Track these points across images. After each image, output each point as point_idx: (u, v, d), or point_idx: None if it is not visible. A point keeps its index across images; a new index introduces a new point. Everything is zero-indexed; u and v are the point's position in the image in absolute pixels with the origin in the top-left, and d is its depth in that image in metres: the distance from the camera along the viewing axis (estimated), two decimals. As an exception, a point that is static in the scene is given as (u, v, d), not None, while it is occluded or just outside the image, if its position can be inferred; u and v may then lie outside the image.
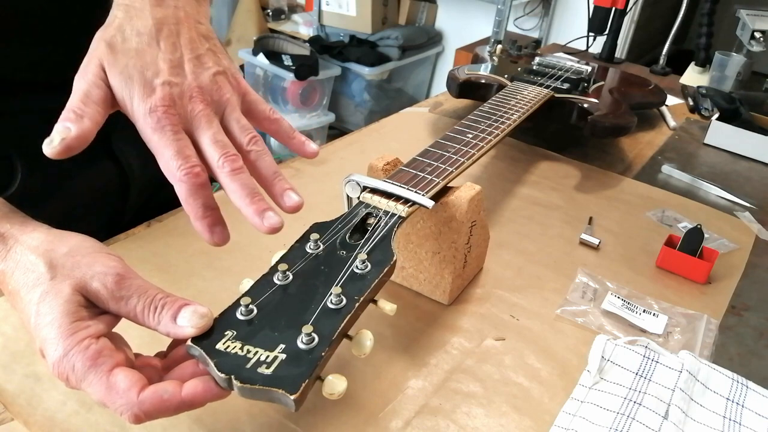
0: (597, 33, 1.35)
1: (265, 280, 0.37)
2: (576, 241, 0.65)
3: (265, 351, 0.33)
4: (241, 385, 0.31)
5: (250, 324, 0.34)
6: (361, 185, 0.47)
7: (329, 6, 2.84)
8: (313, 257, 0.39)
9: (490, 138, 0.60)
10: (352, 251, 0.40)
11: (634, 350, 0.47)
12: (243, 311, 0.35)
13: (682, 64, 1.30)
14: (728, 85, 1.19)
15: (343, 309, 0.35)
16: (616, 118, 0.83)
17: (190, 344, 0.33)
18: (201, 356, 0.33)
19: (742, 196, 0.78)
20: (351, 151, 0.82)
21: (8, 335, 0.46)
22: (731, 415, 0.44)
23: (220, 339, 0.33)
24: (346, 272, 0.38)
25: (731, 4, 1.39)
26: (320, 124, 2.75)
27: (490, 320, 0.53)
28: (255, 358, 0.32)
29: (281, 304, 0.36)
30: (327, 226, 0.42)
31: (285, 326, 0.34)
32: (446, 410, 0.44)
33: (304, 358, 0.32)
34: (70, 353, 0.32)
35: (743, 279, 0.62)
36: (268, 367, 0.32)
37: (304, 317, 0.35)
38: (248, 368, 0.32)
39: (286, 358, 0.32)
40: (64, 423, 0.40)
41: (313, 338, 0.33)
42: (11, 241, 0.38)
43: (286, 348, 0.33)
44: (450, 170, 0.52)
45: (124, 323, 0.37)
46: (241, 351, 0.33)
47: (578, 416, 0.43)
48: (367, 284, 0.37)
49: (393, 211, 0.45)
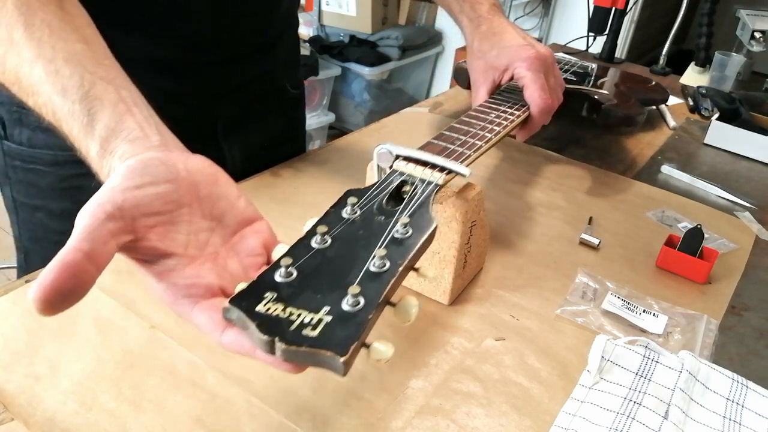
0: (597, 33, 1.35)
1: (302, 243, 0.36)
2: (576, 241, 0.65)
3: (309, 313, 0.31)
4: (286, 347, 0.29)
5: (291, 286, 0.32)
6: (394, 154, 0.47)
7: (329, 6, 2.84)
8: (350, 222, 0.38)
9: (512, 117, 0.61)
10: (390, 217, 0.39)
11: (634, 350, 0.47)
12: (283, 273, 0.33)
13: (682, 64, 1.30)
14: (728, 85, 1.19)
15: (387, 272, 0.34)
16: (628, 108, 0.86)
17: (227, 306, 0.31)
18: (239, 319, 0.31)
19: (742, 196, 0.78)
20: (351, 151, 0.82)
21: (8, 335, 0.46)
22: (731, 415, 0.44)
23: (259, 301, 0.31)
24: (387, 236, 0.37)
25: (731, 4, 1.39)
26: (320, 124, 2.75)
27: (490, 320, 0.53)
28: (299, 320, 0.30)
29: (321, 267, 0.34)
30: (362, 192, 0.41)
31: (328, 289, 0.32)
32: (446, 410, 0.44)
33: (351, 321, 0.31)
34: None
35: (743, 279, 0.62)
36: (313, 329, 0.30)
37: (347, 280, 0.33)
38: (292, 330, 0.30)
39: (332, 320, 0.30)
40: (64, 423, 0.40)
41: (359, 301, 0.31)
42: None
43: (331, 310, 0.31)
44: (479, 144, 0.52)
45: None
46: (283, 313, 0.31)
47: (578, 416, 0.43)
48: (410, 248, 0.36)
49: (429, 179, 0.44)
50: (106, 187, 0.32)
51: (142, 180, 0.32)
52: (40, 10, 0.39)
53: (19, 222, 0.74)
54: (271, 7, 0.74)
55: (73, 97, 0.36)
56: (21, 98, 0.40)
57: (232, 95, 0.75)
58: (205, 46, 0.68)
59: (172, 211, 0.33)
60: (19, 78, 0.39)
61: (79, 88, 0.37)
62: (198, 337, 0.48)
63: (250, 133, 0.78)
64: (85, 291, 0.28)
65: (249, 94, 0.76)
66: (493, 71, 0.68)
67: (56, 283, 0.27)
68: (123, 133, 0.35)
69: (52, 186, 0.70)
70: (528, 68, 0.64)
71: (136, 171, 0.33)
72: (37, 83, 0.38)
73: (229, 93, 0.74)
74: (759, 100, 1.06)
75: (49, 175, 0.69)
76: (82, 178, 0.69)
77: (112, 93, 0.37)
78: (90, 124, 0.36)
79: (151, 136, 0.36)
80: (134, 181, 0.32)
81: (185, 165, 0.35)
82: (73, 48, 0.38)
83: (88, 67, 0.38)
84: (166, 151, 0.35)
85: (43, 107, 0.38)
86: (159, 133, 0.36)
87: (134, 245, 0.32)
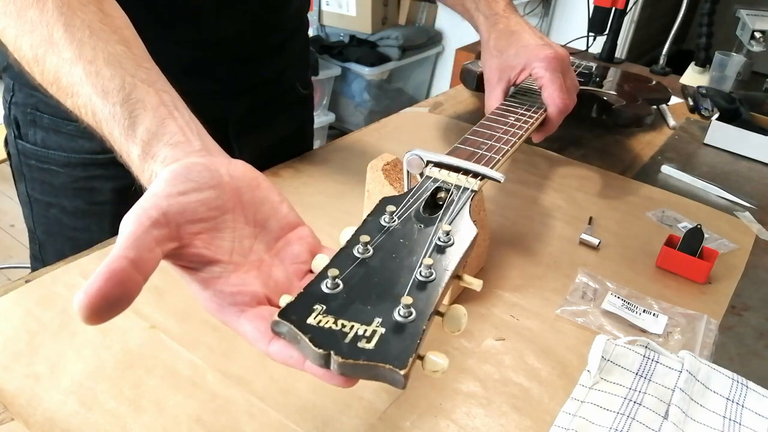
0: (597, 33, 1.35)
1: (345, 253, 0.35)
2: (576, 241, 0.65)
3: (362, 325, 0.30)
4: (343, 361, 0.28)
5: (339, 298, 0.32)
6: (425, 160, 0.47)
7: (329, 6, 2.84)
8: (390, 230, 0.38)
9: (532, 120, 0.62)
10: (429, 224, 0.38)
11: (634, 350, 0.47)
12: (329, 284, 0.32)
13: (682, 64, 1.30)
14: (728, 85, 1.19)
15: (435, 281, 0.33)
16: (637, 109, 0.88)
17: (277, 320, 0.30)
18: (290, 332, 0.30)
19: (742, 196, 0.78)
20: (351, 151, 0.82)
21: (8, 335, 0.46)
22: (731, 415, 0.44)
23: (310, 313, 0.31)
24: (430, 245, 0.36)
25: (731, 4, 1.39)
26: (320, 124, 2.75)
27: (490, 320, 0.53)
28: (352, 332, 0.30)
29: (368, 277, 0.34)
30: (398, 200, 0.41)
31: (377, 300, 0.32)
32: (446, 410, 0.44)
33: (406, 332, 0.30)
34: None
35: (743, 279, 0.62)
36: (368, 341, 0.29)
37: (396, 290, 0.32)
38: (347, 343, 0.29)
39: (385, 332, 0.30)
40: (64, 423, 0.40)
41: (411, 311, 0.31)
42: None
43: (384, 322, 0.30)
44: (505, 148, 0.53)
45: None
46: (335, 325, 0.30)
47: (578, 416, 0.43)
48: (456, 256, 0.35)
49: (465, 185, 0.44)
50: (149, 193, 0.31)
51: (186, 186, 0.32)
52: (80, 11, 0.39)
53: (33, 216, 0.75)
54: (282, 8, 0.74)
55: (114, 99, 0.36)
56: (59, 99, 0.40)
57: (245, 96, 0.75)
58: (218, 47, 0.69)
59: (216, 217, 0.33)
60: (59, 78, 0.39)
61: (120, 91, 0.36)
62: (198, 337, 0.48)
63: (261, 133, 0.79)
64: (131, 299, 0.28)
65: (261, 95, 0.77)
66: (510, 70, 0.67)
67: (102, 291, 0.27)
68: (165, 138, 0.35)
69: (66, 185, 0.70)
70: (546, 68, 0.64)
71: (180, 177, 0.32)
72: (77, 84, 0.38)
73: (241, 93, 0.74)
74: (759, 100, 1.06)
75: (63, 176, 0.70)
76: (94, 180, 0.70)
77: (153, 96, 0.37)
78: (131, 128, 0.36)
79: (192, 141, 0.36)
80: (178, 187, 0.32)
81: (228, 170, 0.35)
82: (114, 50, 0.38)
83: (129, 70, 0.37)
84: (208, 156, 0.35)
85: (82, 108, 0.38)
86: (200, 138, 0.36)
87: (179, 252, 0.31)
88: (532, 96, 0.68)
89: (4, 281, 1.78)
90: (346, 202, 0.68)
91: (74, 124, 0.67)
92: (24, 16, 0.39)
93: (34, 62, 0.40)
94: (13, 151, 0.72)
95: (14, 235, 2.15)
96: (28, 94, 0.68)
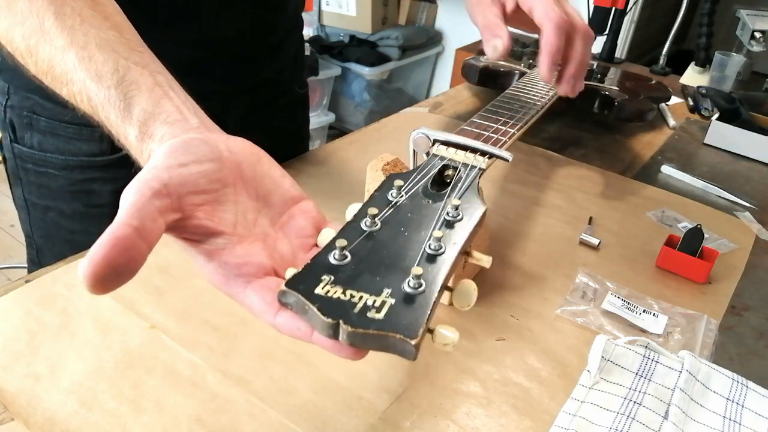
0: (597, 33, 1.35)
1: (352, 227, 0.34)
2: (576, 241, 0.65)
3: (371, 295, 0.30)
4: (352, 330, 0.28)
5: (347, 269, 0.31)
6: (431, 139, 0.47)
7: (329, 6, 2.84)
8: (397, 205, 0.37)
9: (536, 108, 0.63)
10: (438, 200, 0.38)
11: (634, 350, 0.47)
12: (337, 255, 0.32)
13: (682, 64, 1.30)
14: (728, 85, 1.19)
15: (445, 254, 0.33)
16: (639, 103, 0.89)
17: (284, 289, 0.30)
18: (298, 302, 0.30)
19: (742, 196, 0.78)
20: (351, 151, 0.82)
21: (8, 335, 0.46)
22: (731, 415, 0.44)
23: (318, 284, 0.30)
24: (439, 219, 0.36)
25: (731, 4, 1.39)
26: (320, 124, 2.75)
27: (490, 320, 0.53)
28: (361, 302, 0.29)
29: (376, 249, 0.33)
30: (405, 176, 0.41)
31: (386, 271, 0.31)
32: (446, 410, 0.44)
33: (416, 303, 0.30)
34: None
35: (743, 279, 0.62)
36: (378, 311, 0.29)
37: (405, 262, 0.32)
38: (356, 313, 0.29)
39: (395, 303, 0.29)
40: (64, 423, 0.40)
41: (421, 282, 0.30)
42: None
43: (393, 293, 0.30)
44: (511, 131, 0.53)
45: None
46: (344, 296, 0.29)
47: (578, 416, 0.43)
48: (465, 230, 0.35)
49: (473, 163, 0.44)
50: (149, 166, 0.31)
51: (186, 158, 0.32)
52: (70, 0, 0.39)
53: (30, 220, 0.75)
54: (281, 7, 0.74)
55: (108, 82, 0.36)
56: (55, 89, 0.39)
57: (244, 96, 0.75)
58: (218, 47, 0.69)
59: (218, 190, 0.33)
60: (53, 67, 0.38)
61: (113, 74, 0.36)
62: (198, 337, 0.48)
63: (258, 134, 0.79)
64: (137, 268, 0.27)
65: (258, 95, 0.76)
66: None
67: (108, 258, 0.26)
68: (162, 116, 0.35)
69: (63, 189, 0.70)
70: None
71: (179, 150, 0.32)
72: (70, 71, 0.37)
73: (241, 93, 0.74)
74: (759, 100, 1.06)
75: (60, 179, 0.69)
76: (92, 183, 0.69)
77: (147, 77, 0.37)
78: (127, 109, 0.35)
79: (189, 119, 0.35)
80: (178, 159, 0.31)
81: (227, 146, 0.34)
82: (106, 35, 0.38)
83: (122, 53, 0.37)
84: (206, 133, 0.35)
85: (77, 95, 0.38)
86: (197, 116, 0.36)
87: (182, 224, 0.31)
88: (538, 83, 0.68)
89: (4, 281, 1.78)
90: (346, 203, 0.68)
91: (72, 127, 0.66)
92: (14, 8, 0.39)
93: (27, 53, 0.40)
94: (9, 155, 0.71)
95: (14, 235, 2.15)
96: (24, 96, 0.67)
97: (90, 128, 0.66)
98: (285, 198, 0.36)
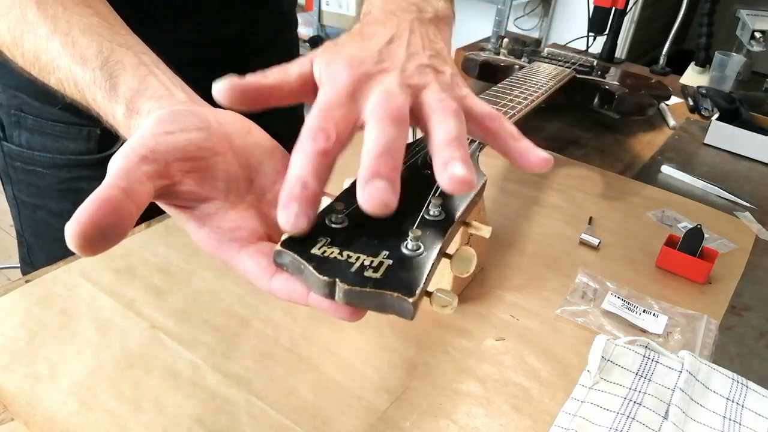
0: (597, 33, 1.35)
1: (349, 192, 0.34)
2: (576, 241, 0.65)
3: (368, 257, 0.29)
4: (349, 288, 0.27)
5: (345, 231, 0.31)
6: None
7: (329, 6, 2.84)
8: None
9: (537, 94, 0.64)
10: None
11: (634, 350, 0.47)
12: (335, 218, 0.31)
13: (682, 64, 1.30)
14: (728, 85, 1.19)
15: (444, 220, 0.33)
16: (640, 97, 0.90)
17: (279, 249, 0.29)
18: (293, 262, 0.29)
19: (742, 196, 0.78)
20: (351, 151, 0.81)
21: (8, 335, 0.46)
22: (731, 415, 0.44)
23: (314, 244, 0.30)
24: (438, 187, 0.35)
25: (731, 4, 1.39)
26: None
27: (490, 320, 0.53)
28: (358, 262, 0.29)
29: None
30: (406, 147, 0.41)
31: (384, 234, 0.31)
32: (446, 410, 0.44)
33: (414, 264, 0.29)
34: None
35: (743, 279, 0.62)
36: (375, 271, 0.28)
37: (403, 226, 0.32)
38: (353, 272, 0.28)
39: (393, 263, 0.29)
40: (64, 423, 0.40)
41: (419, 245, 0.30)
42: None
43: (391, 254, 0.30)
44: (512, 113, 0.54)
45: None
46: (340, 256, 0.29)
47: (578, 416, 0.43)
48: (464, 198, 0.35)
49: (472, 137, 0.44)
50: (136, 135, 0.31)
51: (172, 127, 0.31)
52: None
53: (21, 219, 0.75)
54: (279, 5, 0.74)
55: (93, 64, 0.36)
56: (43, 80, 0.39)
57: None
58: (205, 46, 0.68)
59: (207, 158, 0.32)
60: (38, 56, 0.38)
61: (98, 56, 0.36)
62: (198, 337, 0.48)
63: None
64: (126, 230, 0.26)
65: None
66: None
67: (95, 218, 0.25)
68: (148, 92, 0.35)
69: (51, 187, 0.70)
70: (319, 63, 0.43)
71: (166, 120, 0.32)
72: (56, 57, 0.37)
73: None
74: (759, 100, 1.06)
75: (48, 177, 0.69)
76: (80, 181, 0.69)
77: (132, 57, 0.37)
78: (113, 89, 0.35)
79: (176, 94, 0.35)
80: (165, 127, 0.31)
81: (216, 117, 0.34)
82: (89, 21, 0.38)
83: (106, 36, 0.37)
84: (194, 106, 0.34)
85: (64, 81, 0.38)
86: (184, 91, 0.36)
87: (171, 190, 0.30)
88: (539, 74, 0.68)
89: (4, 281, 1.78)
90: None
91: (59, 125, 0.66)
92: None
93: (14, 45, 0.40)
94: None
95: (14, 236, 2.15)
96: (12, 95, 0.67)
97: (77, 127, 0.66)
98: (277, 167, 0.36)
